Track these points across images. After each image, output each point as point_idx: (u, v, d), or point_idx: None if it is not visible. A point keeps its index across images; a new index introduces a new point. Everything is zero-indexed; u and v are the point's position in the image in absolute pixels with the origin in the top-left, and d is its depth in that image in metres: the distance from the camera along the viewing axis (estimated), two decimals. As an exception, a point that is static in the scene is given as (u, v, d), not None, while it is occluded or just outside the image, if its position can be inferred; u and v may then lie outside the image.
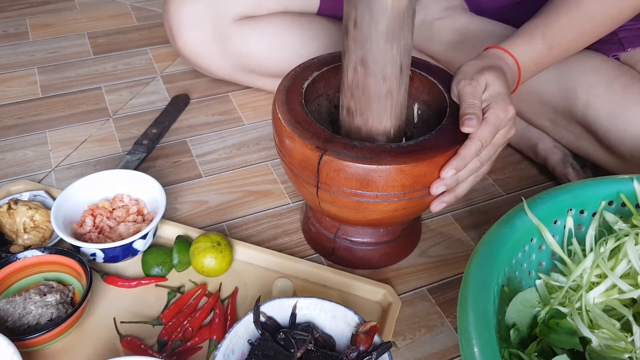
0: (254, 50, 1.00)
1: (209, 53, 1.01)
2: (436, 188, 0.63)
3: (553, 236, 0.59)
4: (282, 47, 1.00)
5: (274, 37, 1.00)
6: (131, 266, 0.77)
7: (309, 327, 0.61)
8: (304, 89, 0.71)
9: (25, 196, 0.83)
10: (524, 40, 0.73)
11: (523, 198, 0.60)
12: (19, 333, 0.65)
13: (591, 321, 0.54)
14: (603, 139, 0.82)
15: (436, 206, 0.66)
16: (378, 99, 0.66)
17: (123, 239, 0.73)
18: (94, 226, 0.76)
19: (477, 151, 0.63)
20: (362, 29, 0.61)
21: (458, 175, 0.63)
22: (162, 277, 0.75)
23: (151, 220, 0.76)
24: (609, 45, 0.85)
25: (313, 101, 0.75)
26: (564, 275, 0.60)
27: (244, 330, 0.60)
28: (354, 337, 0.59)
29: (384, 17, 0.60)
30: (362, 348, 0.58)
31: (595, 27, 0.75)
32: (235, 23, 0.99)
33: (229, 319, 0.70)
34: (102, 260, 0.73)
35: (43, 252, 0.71)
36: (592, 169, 0.92)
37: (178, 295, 0.73)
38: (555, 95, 0.86)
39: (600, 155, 0.86)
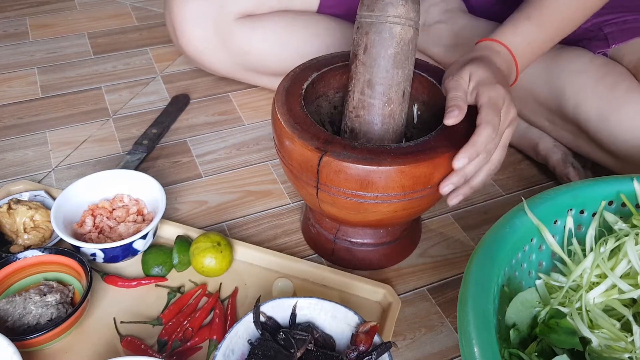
0: (256, 48, 1.00)
1: (211, 51, 1.01)
2: (445, 187, 0.63)
3: (553, 236, 0.59)
4: (283, 46, 1.01)
5: (276, 35, 1.00)
6: (131, 266, 0.77)
7: (309, 327, 0.61)
8: (304, 90, 0.71)
9: (25, 196, 0.83)
10: (510, 25, 0.74)
11: (523, 198, 0.60)
12: (19, 333, 0.65)
13: (591, 321, 0.54)
14: (595, 140, 0.82)
15: (452, 199, 0.65)
16: (382, 120, 0.69)
17: (123, 239, 0.73)
18: (94, 226, 0.76)
19: (490, 136, 0.62)
20: (372, 54, 0.67)
21: (466, 171, 0.63)
22: (162, 277, 0.75)
23: (151, 220, 0.76)
24: (595, 42, 0.85)
25: (313, 102, 0.75)
26: (564, 275, 0.60)
27: (244, 330, 0.60)
28: (354, 337, 0.59)
29: (393, 44, 0.66)
30: (362, 348, 0.58)
31: (584, 1, 0.75)
32: (237, 21, 0.99)
33: (229, 319, 0.70)
34: (102, 260, 0.73)
35: (43, 252, 0.71)
36: (592, 169, 0.92)
37: (178, 295, 0.73)
38: (547, 96, 0.87)
39: (598, 155, 0.86)
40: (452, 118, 0.63)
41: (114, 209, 0.79)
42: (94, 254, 0.72)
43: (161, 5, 1.46)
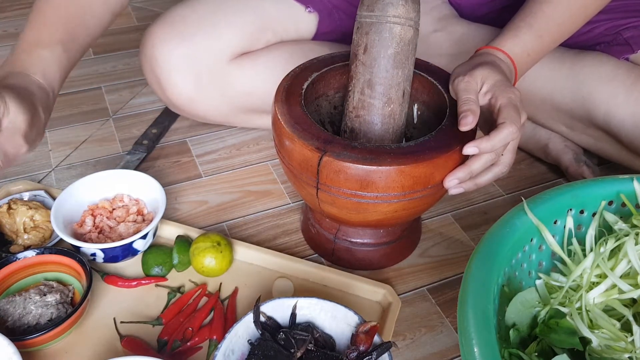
0: (259, 88, 0.92)
1: (206, 99, 0.92)
2: (450, 182, 0.63)
3: (553, 236, 0.59)
4: None
5: (278, 71, 0.90)
6: (131, 266, 0.77)
7: (309, 327, 0.61)
8: (304, 90, 0.71)
9: (25, 196, 0.83)
10: (511, 34, 0.73)
11: (523, 198, 0.60)
12: (19, 333, 0.65)
13: (591, 321, 0.54)
14: (628, 145, 0.82)
15: (453, 189, 0.65)
16: (382, 120, 0.69)
17: (123, 239, 0.73)
18: (94, 226, 0.76)
19: (512, 134, 0.61)
20: (372, 54, 0.67)
21: (472, 168, 0.63)
22: (162, 277, 0.75)
23: (151, 220, 0.76)
24: (616, 46, 0.84)
25: (313, 102, 0.75)
26: (564, 275, 0.60)
27: (244, 330, 0.60)
28: (354, 337, 0.59)
29: (393, 44, 0.66)
30: (362, 348, 0.58)
31: (584, 8, 0.74)
32: (233, 62, 0.90)
33: (228, 319, 0.70)
34: (102, 260, 0.73)
35: (43, 252, 0.71)
36: (600, 165, 0.92)
37: (178, 295, 0.73)
38: (571, 104, 0.86)
39: (623, 157, 0.86)
40: (467, 125, 0.62)
41: (114, 209, 0.79)
42: (94, 254, 0.72)
43: (161, 5, 1.46)
